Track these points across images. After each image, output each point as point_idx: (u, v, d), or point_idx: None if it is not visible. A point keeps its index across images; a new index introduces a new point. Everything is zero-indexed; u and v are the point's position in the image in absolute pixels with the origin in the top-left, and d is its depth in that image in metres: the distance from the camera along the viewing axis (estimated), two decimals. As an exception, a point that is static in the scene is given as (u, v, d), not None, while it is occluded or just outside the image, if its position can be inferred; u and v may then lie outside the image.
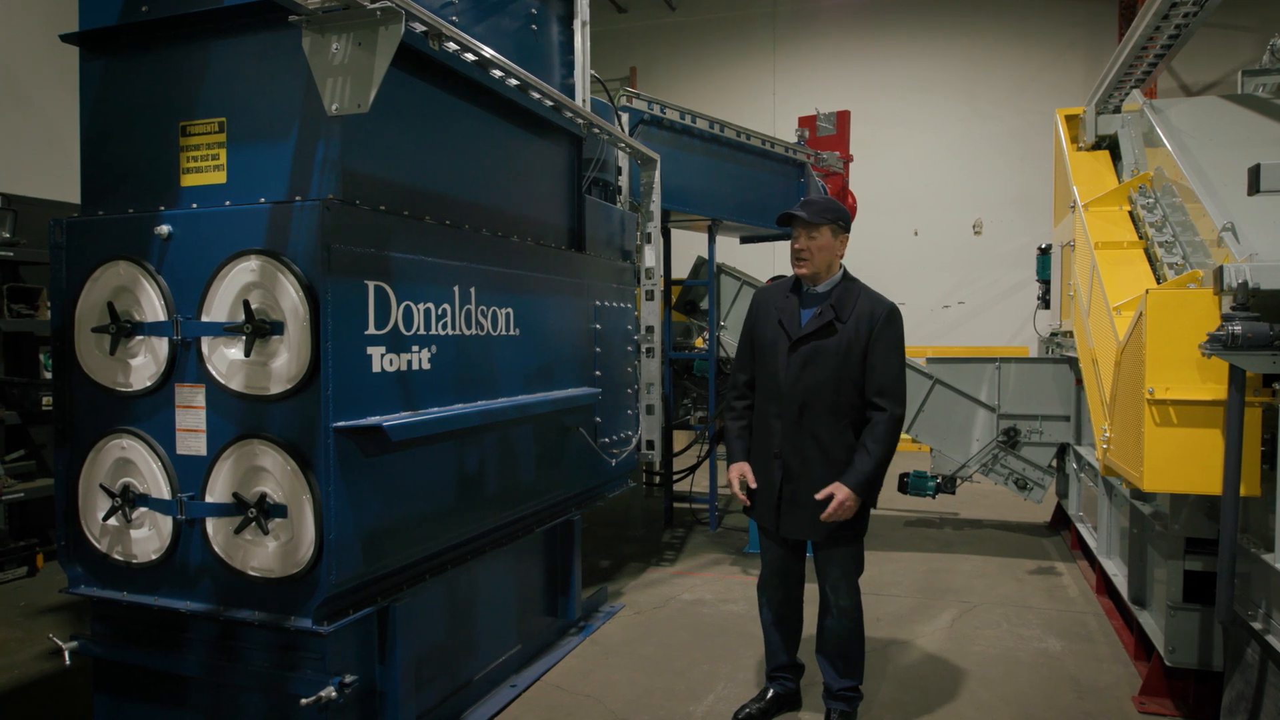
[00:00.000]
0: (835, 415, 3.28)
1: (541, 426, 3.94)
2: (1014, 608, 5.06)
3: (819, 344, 3.29)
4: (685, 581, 5.58)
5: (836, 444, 3.28)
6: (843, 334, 3.28)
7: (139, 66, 3.01)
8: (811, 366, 3.29)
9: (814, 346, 3.30)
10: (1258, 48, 6.56)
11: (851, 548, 3.39)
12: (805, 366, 3.30)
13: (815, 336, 3.30)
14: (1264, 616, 2.97)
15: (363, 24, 2.47)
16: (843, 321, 3.28)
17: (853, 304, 3.32)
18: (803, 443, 3.31)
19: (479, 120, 3.62)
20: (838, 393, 3.27)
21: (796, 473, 3.31)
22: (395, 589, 3.06)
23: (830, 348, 3.28)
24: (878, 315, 3.29)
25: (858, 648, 3.46)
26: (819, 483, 3.26)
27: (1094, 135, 5.69)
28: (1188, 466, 3.03)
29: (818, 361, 3.28)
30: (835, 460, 3.27)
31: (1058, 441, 6.22)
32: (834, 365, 3.27)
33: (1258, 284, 2.84)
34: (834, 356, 3.27)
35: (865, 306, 3.31)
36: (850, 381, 3.27)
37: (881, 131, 12.26)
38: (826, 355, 3.28)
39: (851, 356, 3.26)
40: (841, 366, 3.26)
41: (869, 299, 3.35)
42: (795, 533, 3.37)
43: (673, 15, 14.00)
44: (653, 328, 5.10)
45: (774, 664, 3.67)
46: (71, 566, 3.10)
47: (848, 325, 3.28)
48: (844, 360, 3.26)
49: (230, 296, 2.78)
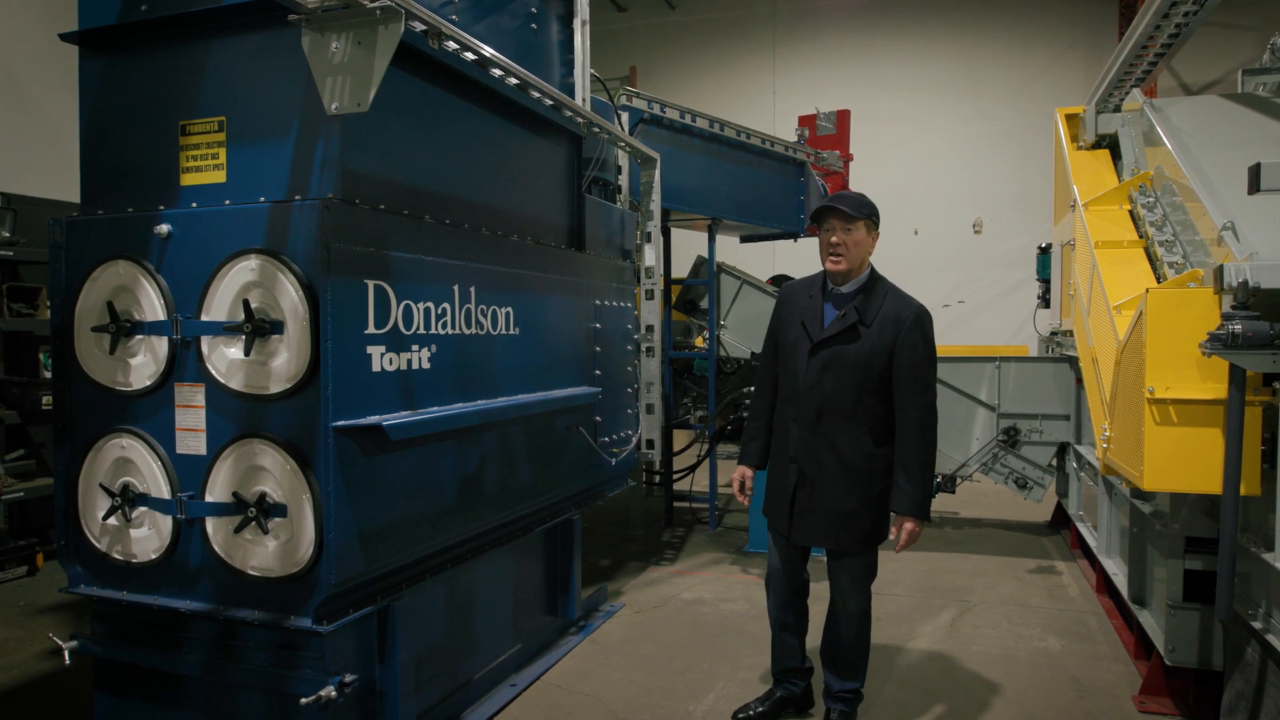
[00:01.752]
0: (854, 422, 3.16)
1: (541, 426, 3.94)
2: (1014, 607, 5.06)
3: (841, 348, 3.16)
4: (685, 581, 5.58)
5: (854, 452, 3.17)
6: (866, 338, 3.14)
7: (138, 65, 3.00)
8: (831, 372, 3.17)
9: (835, 351, 3.17)
10: (1258, 46, 6.56)
11: (864, 557, 3.30)
12: (824, 371, 3.18)
13: (837, 340, 3.17)
14: (1264, 616, 2.97)
15: (362, 23, 2.47)
16: (866, 325, 3.15)
17: (879, 305, 3.17)
18: (819, 449, 3.20)
19: (479, 119, 3.62)
20: (858, 400, 3.15)
21: (811, 479, 3.22)
22: (395, 588, 3.06)
23: (852, 352, 3.15)
24: (905, 318, 3.14)
25: (863, 652, 3.40)
26: (833, 490, 3.18)
27: (1094, 134, 5.69)
28: (1188, 465, 3.03)
29: (838, 367, 3.16)
30: (851, 468, 3.17)
31: (1058, 441, 6.22)
32: (855, 371, 3.14)
33: (1258, 283, 2.84)
34: (855, 361, 3.14)
35: (892, 308, 3.17)
36: (872, 388, 3.14)
37: (881, 131, 12.25)
38: (847, 360, 3.15)
39: (875, 362, 3.13)
40: (863, 372, 3.13)
41: (896, 300, 3.20)
42: (808, 540, 3.29)
43: (673, 14, 14.00)
44: (653, 327, 5.10)
45: (780, 666, 3.61)
46: (71, 566, 3.09)
47: (872, 329, 3.14)
48: (866, 366, 3.13)
49: (230, 296, 2.77)
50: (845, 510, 3.19)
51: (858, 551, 3.27)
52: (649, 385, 5.11)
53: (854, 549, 3.25)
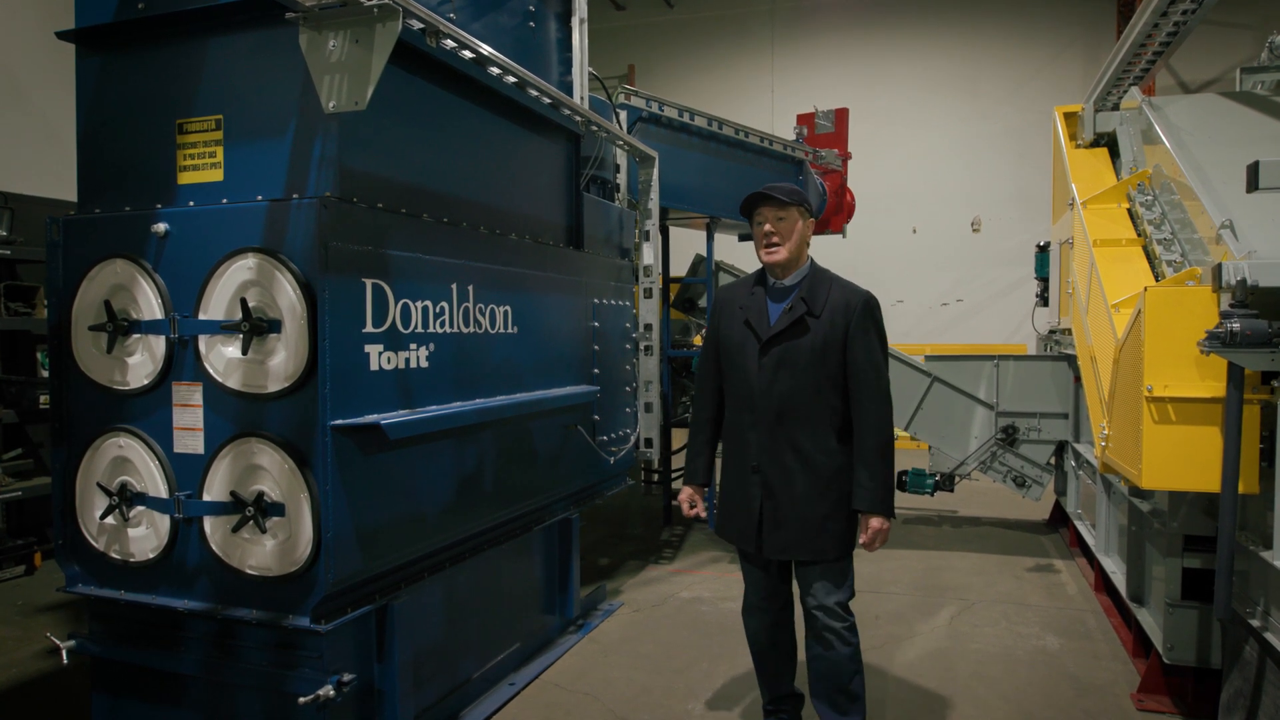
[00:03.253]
0: (816, 421, 2.97)
1: (540, 425, 3.93)
2: (1012, 605, 5.06)
3: (792, 343, 2.97)
4: (684, 579, 5.58)
5: (819, 452, 2.97)
6: (817, 329, 2.96)
7: (136, 63, 3.00)
8: (786, 369, 2.97)
9: (786, 346, 2.98)
10: (1256, 45, 6.56)
11: (838, 564, 3.03)
12: (779, 369, 2.98)
13: (787, 335, 2.98)
14: (1262, 614, 2.97)
15: (360, 21, 2.46)
16: (815, 315, 2.96)
17: (825, 295, 2.99)
18: (782, 454, 2.99)
19: (477, 118, 3.61)
20: (817, 395, 2.96)
21: (777, 488, 3.00)
22: (393, 587, 3.05)
23: (805, 346, 2.96)
24: (854, 305, 2.96)
25: (857, 680, 3.05)
26: (803, 497, 2.97)
27: (1092, 133, 5.69)
28: (1186, 464, 3.03)
29: (792, 363, 2.96)
30: (819, 470, 2.97)
31: (1056, 439, 6.23)
32: (811, 365, 2.95)
33: (1256, 281, 2.85)
34: (810, 355, 2.95)
35: (839, 297, 2.99)
36: (830, 382, 2.96)
37: (880, 129, 12.25)
38: (801, 355, 2.96)
39: (829, 354, 2.95)
40: (819, 366, 2.95)
41: (842, 289, 3.03)
42: (780, 553, 3.05)
43: (671, 13, 13.99)
44: (651, 325, 5.10)
45: (770, 695, 3.32)
46: (69, 565, 3.09)
47: (821, 319, 2.96)
48: (821, 359, 2.95)
49: (227, 294, 2.77)
50: (818, 515, 2.97)
51: (832, 556, 3.01)
52: (647, 384, 5.11)
53: (831, 554, 3.00)
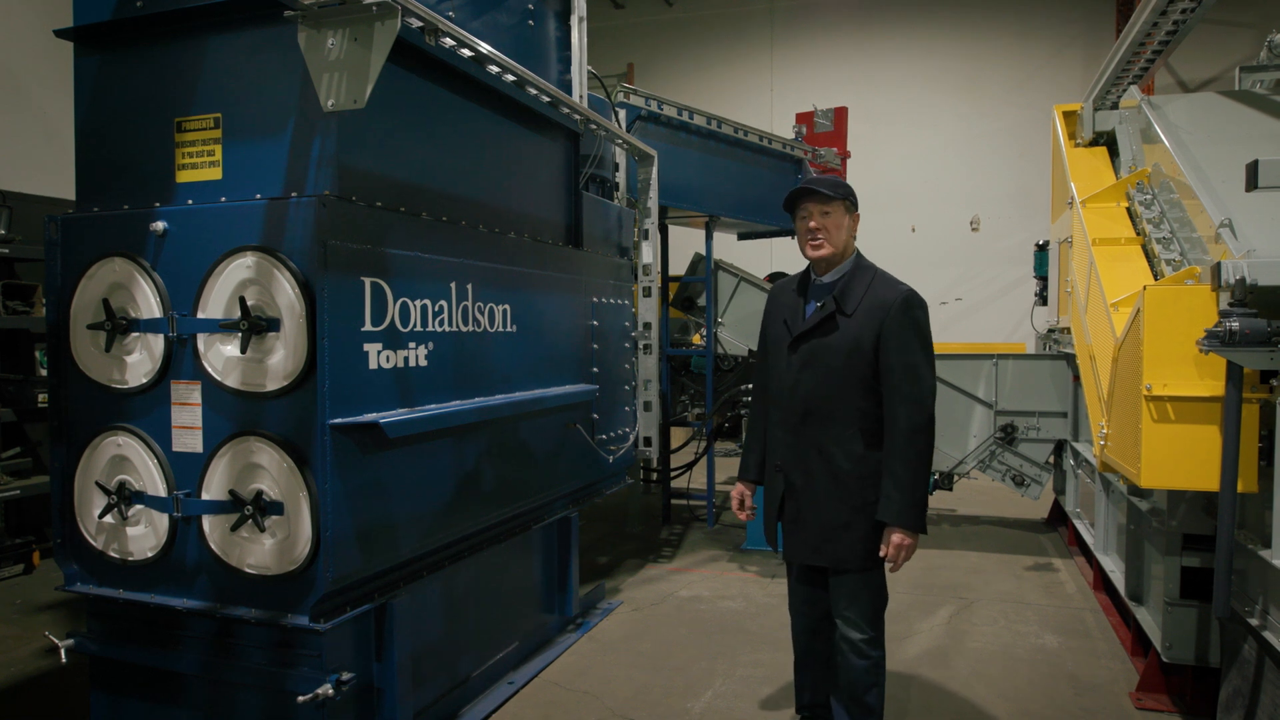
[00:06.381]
0: (841, 423, 2.87)
1: (539, 423, 3.93)
2: (1011, 604, 5.06)
3: (821, 341, 2.89)
4: (683, 578, 5.58)
5: (842, 456, 2.86)
6: (848, 328, 2.85)
7: (134, 62, 2.99)
8: (811, 368, 2.90)
9: (814, 345, 2.90)
10: (1256, 44, 6.56)
11: (864, 575, 2.90)
12: (804, 368, 2.91)
13: (815, 333, 2.90)
14: (1261, 613, 2.97)
15: (359, 19, 2.46)
16: (846, 314, 2.86)
17: (861, 292, 2.88)
18: (805, 455, 2.92)
19: (476, 116, 3.61)
20: (843, 397, 2.86)
21: (799, 488, 2.94)
22: (392, 586, 3.05)
23: (833, 345, 2.87)
24: (891, 302, 2.83)
25: (874, 693, 2.92)
26: (823, 501, 2.89)
27: (1092, 131, 5.69)
28: (1185, 463, 3.03)
29: (819, 362, 2.89)
30: (841, 476, 2.86)
31: (1055, 438, 6.23)
32: (837, 365, 2.86)
33: (1255, 280, 2.84)
34: (837, 355, 2.86)
35: (877, 294, 2.86)
36: (859, 383, 2.85)
37: (879, 128, 12.26)
38: (829, 354, 2.87)
39: (859, 354, 2.83)
40: (846, 366, 2.85)
41: (882, 284, 2.90)
42: (799, 557, 2.99)
43: (670, 11, 13.99)
44: (650, 324, 5.10)
45: (800, 701, 3.24)
46: (68, 564, 3.09)
47: (854, 318, 2.85)
48: (849, 359, 2.84)
49: (226, 293, 2.76)
50: (836, 522, 2.88)
51: (855, 567, 2.89)
52: (647, 383, 5.11)
53: (850, 564, 2.89)
